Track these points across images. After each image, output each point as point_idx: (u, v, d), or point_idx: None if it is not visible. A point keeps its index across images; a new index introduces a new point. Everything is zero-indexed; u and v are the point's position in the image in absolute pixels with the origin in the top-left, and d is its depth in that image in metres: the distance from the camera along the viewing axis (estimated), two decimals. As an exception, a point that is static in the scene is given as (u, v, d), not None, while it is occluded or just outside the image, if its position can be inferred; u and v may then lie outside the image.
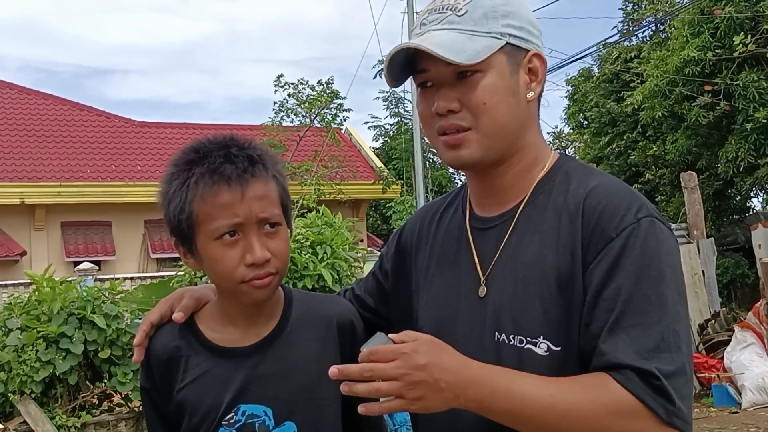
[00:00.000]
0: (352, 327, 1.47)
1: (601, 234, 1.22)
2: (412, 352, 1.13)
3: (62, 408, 6.74)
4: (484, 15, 1.29)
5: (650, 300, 1.17)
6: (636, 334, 1.15)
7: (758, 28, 12.44)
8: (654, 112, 14.19)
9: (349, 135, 22.34)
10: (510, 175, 1.35)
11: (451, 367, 1.15)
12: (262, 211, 1.33)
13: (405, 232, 1.56)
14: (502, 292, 1.29)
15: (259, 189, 1.33)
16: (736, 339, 8.05)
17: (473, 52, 1.26)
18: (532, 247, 1.28)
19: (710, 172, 15.11)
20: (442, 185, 23.95)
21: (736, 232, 17.33)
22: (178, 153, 1.42)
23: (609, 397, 1.13)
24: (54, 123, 19.42)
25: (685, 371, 1.16)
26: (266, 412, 1.39)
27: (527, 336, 1.25)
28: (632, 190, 1.30)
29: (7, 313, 6.90)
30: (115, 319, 6.96)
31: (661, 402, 1.12)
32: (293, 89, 18.12)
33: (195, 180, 1.32)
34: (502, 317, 1.28)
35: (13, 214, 17.17)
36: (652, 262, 1.19)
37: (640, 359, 1.13)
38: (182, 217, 1.35)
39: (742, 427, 6.86)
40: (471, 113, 1.29)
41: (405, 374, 1.12)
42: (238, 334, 1.42)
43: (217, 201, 1.31)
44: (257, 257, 1.32)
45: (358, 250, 6.95)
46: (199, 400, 1.40)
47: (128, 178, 18.42)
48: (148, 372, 1.46)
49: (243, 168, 1.33)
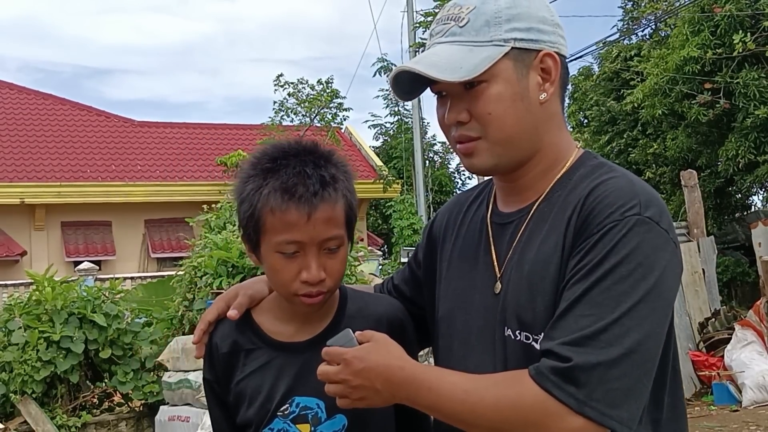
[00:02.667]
0: (402, 325, 1.51)
1: (585, 229, 1.22)
2: (353, 358, 1.24)
3: (63, 408, 6.74)
4: (486, 23, 1.28)
5: (610, 295, 1.15)
6: (583, 324, 1.14)
7: (758, 26, 12.41)
8: (654, 111, 14.17)
9: (349, 134, 22.33)
10: (531, 176, 1.36)
11: (386, 370, 1.23)
12: (325, 234, 1.38)
13: (436, 223, 1.58)
14: (510, 288, 1.31)
15: (326, 212, 1.37)
16: (736, 337, 8.05)
17: (470, 67, 1.26)
18: (537, 243, 1.29)
19: (710, 170, 15.09)
20: (443, 184, 23.96)
21: (737, 230, 17.31)
22: (257, 153, 1.45)
23: (516, 389, 1.15)
24: (54, 123, 19.41)
25: (614, 368, 1.11)
26: (319, 404, 1.44)
27: (530, 332, 1.25)
28: (638, 188, 1.25)
29: (7, 314, 6.90)
30: (115, 319, 6.97)
31: (570, 390, 1.11)
32: (293, 89, 18.15)
33: (267, 192, 1.37)
34: (509, 313, 1.29)
35: (13, 214, 17.17)
36: (625, 259, 1.16)
37: (563, 346, 1.13)
38: (251, 221, 1.41)
39: (742, 426, 6.86)
40: (479, 123, 1.30)
41: (345, 379, 1.24)
42: (294, 329, 1.49)
43: (285, 218, 1.36)
44: (313, 277, 1.38)
45: (358, 249, 6.95)
46: (256, 391, 1.47)
47: (128, 177, 18.42)
48: (210, 365, 1.53)
49: (314, 191, 1.36)
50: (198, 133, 21.00)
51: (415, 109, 17.76)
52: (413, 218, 17.62)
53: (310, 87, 18.19)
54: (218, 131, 21.35)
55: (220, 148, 19.77)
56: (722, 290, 13.28)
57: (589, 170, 1.32)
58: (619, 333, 1.13)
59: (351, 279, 6.32)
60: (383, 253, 18.18)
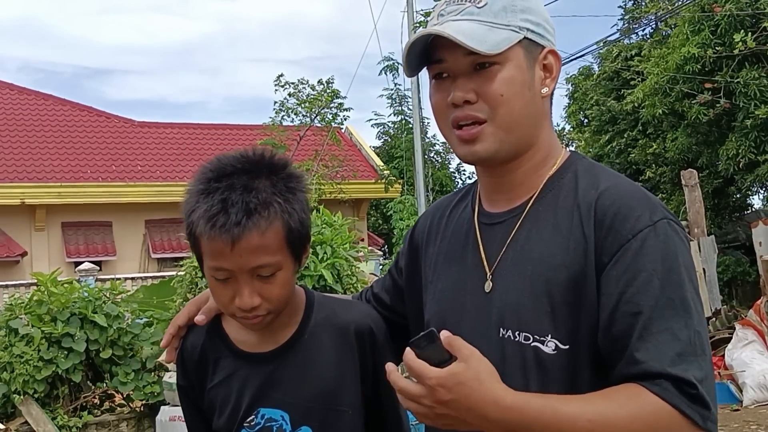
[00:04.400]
0: (371, 333, 1.47)
1: (616, 235, 1.21)
2: (438, 386, 1.10)
3: (64, 408, 6.74)
4: (503, 8, 1.30)
5: (675, 304, 1.17)
6: (665, 340, 1.15)
7: (758, 26, 12.42)
8: (654, 110, 14.17)
9: (350, 134, 22.33)
10: (521, 172, 1.35)
11: (477, 406, 1.11)
12: (253, 262, 1.33)
13: (417, 228, 1.57)
14: (507, 287, 1.29)
15: (252, 240, 1.31)
16: (737, 337, 8.05)
17: (493, 43, 1.26)
18: (540, 244, 1.28)
19: (710, 169, 15.09)
20: (443, 184, 23.95)
21: (737, 230, 17.30)
22: (201, 168, 1.42)
23: (647, 410, 1.12)
24: (54, 123, 19.42)
25: (711, 373, 1.17)
26: (283, 416, 1.42)
27: (534, 333, 1.24)
28: (644, 191, 1.29)
29: (8, 313, 6.90)
30: (116, 319, 6.98)
31: (697, 409, 1.12)
32: (293, 89, 18.12)
33: (197, 216, 1.33)
34: (507, 313, 1.27)
35: (14, 215, 17.17)
36: (673, 265, 1.19)
37: (674, 367, 1.13)
38: (190, 240, 1.39)
39: (743, 425, 6.87)
40: (488, 105, 1.28)
41: (430, 406, 1.12)
42: (258, 339, 1.46)
43: (211, 246, 1.33)
44: (244, 304, 1.35)
45: (358, 249, 6.95)
46: (224, 400, 1.45)
47: (129, 178, 18.42)
48: (183, 371, 1.52)
49: (236, 220, 1.30)
50: (198, 133, 21.01)
51: (416, 108, 17.76)
52: (414, 218, 17.61)
53: (311, 87, 18.17)
54: (219, 131, 21.35)
55: (220, 148, 19.75)
56: (723, 290, 13.29)
57: (583, 171, 1.33)
58: (700, 341, 1.17)
59: (351, 279, 6.32)
60: (384, 253, 18.19)
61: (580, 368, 1.21)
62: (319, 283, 5.84)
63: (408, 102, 21.51)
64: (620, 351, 1.17)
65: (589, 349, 1.22)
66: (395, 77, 20.17)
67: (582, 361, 1.22)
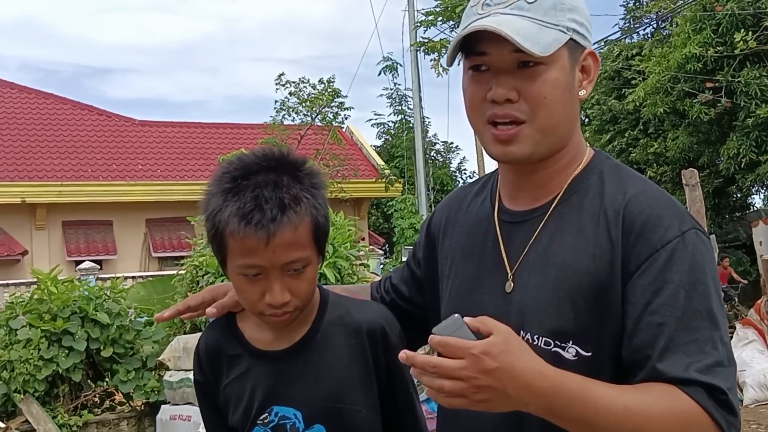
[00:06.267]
0: (384, 333, 1.47)
1: (645, 244, 1.20)
2: (482, 354, 1.06)
3: (64, 407, 6.75)
4: (553, 6, 1.25)
5: (701, 315, 1.17)
6: (693, 351, 1.15)
7: (760, 25, 12.40)
8: (655, 109, 14.16)
9: (351, 133, 22.33)
10: (548, 171, 1.32)
11: (522, 375, 1.08)
12: (286, 258, 1.34)
13: (434, 219, 1.54)
14: (529, 290, 1.27)
15: (285, 236, 1.32)
16: (737, 336, 8.05)
17: (545, 44, 1.22)
18: (564, 248, 1.26)
19: (711, 169, 15.08)
20: (444, 183, 23.95)
21: (738, 229, 17.32)
22: (221, 168, 1.40)
23: (682, 409, 1.13)
24: (55, 122, 19.43)
25: (735, 384, 1.18)
26: (296, 414, 1.43)
27: (556, 339, 1.22)
28: (671, 198, 1.28)
29: (9, 311, 6.91)
30: (117, 318, 6.98)
31: (724, 414, 1.14)
32: (294, 88, 18.12)
33: (227, 215, 1.32)
34: (529, 316, 1.25)
35: (14, 214, 17.18)
36: (700, 276, 1.19)
37: (703, 375, 1.14)
38: (214, 240, 1.38)
39: (744, 424, 6.86)
40: (529, 105, 1.24)
41: (471, 377, 1.06)
42: (273, 337, 1.47)
43: (244, 244, 1.32)
44: (276, 300, 1.36)
45: (359, 248, 6.96)
46: (239, 398, 1.47)
47: (129, 177, 18.43)
48: (199, 366, 1.53)
49: (271, 216, 1.31)
50: (199, 132, 21.02)
51: (417, 108, 17.76)
52: (414, 217, 17.61)
53: (312, 86, 18.17)
54: (219, 130, 21.36)
55: (221, 147, 19.77)
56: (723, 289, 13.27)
57: (609, 173, 1.31)
58: (726, 353, 1.18)
59: (353, 279, 6.32)
60: (384, 253, 18.19)
61: (602, 376, 1.19)
62: (320, 282, 5.83)
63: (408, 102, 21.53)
64: (644, 360, 1.17)
65: (611, 357, 1.21)
66: (395, 77, 20.18)
67: (604, 368, 1.21)
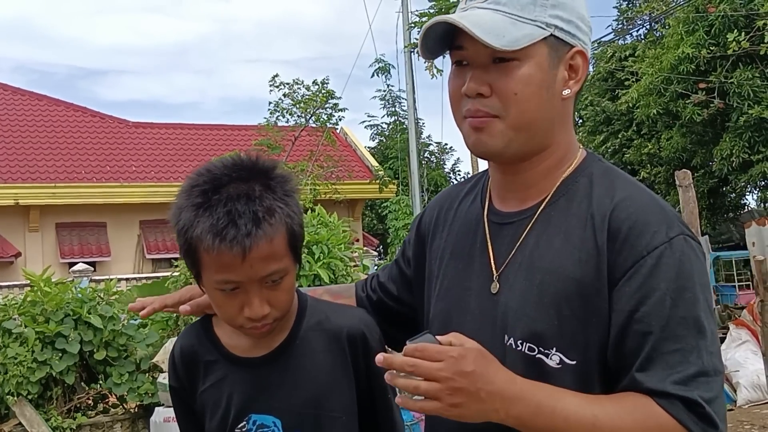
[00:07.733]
0: (364, 338, 1.44)
1: (631, 251, 1.18)
2: (460, 357, 1.09)
3: (57, 409, 6.72)
4: (532, 1, 1.24)
5: (687, 324, 1.15)
6: (676, 361, 1.13)
7: (752, 26, 12.44)
8: (649, 110, 14.19)
9: (345, 135, 22.32)
10: (534, 172, 1.30)
11: (496, 379, 1.11)
12: (263, 271, 1.30)
13: (424, 217, 1.53)
14: (514, 293, 1.25)
15: (262, 250, 1.28)
16: (730, 336, 8.07)
17: (513, 39, 1.20)
18: (551, 252, 1.24)
19: (705, 169, 15.13)
20: (438, 185, 23.95)
21: (731, 230, 17.37)
22: (190, 180, 1.34)
23: (655, 422, 1.11)
24: (48, 124, 19.37)
25: (721, 393, 1.16)
26: (275, 422, 1.40)
27: (539, 345, 1.21)
28: (661, 202, 1.25)
29: (2, 314, 6.88)
30: (110, 320, 6.96)
31: (703, 426, 1.12)
32: (288, 89, 18.10)
33: (199, 232, 1.27)
34: (512, 320, 1.24)
35: (8, 215, 17.13)
36: (687, 284, 1.16)
37: (683, 388, 1.12)
38: (188, 256, 1.34)
39: (737, 425, 6.88)
40: (500, 101, 1.23)
41: (447, 378, 1.08)
42: (250, 343, 1.43)
43: (219, 260, 1.28)
44: (255, 314, 1.32)
45: (353, 250, 6.95)
46: (216, 405, 1.43)
47: (123, 178, 18.38)
48: (175, 372, 1.49)
49: (246, 231, 1.26)
50: (193, 133, 20.98)
51: (410, 109, 17.76)
52: (409, 219, 17.62)
53: (306, 87, 18.15)
54: (213, 132, 21.32)
55: (215, 148, 19.74)
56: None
57: (599, 176, 1.29)
58: (711, 362, 1.15)
59: (347, 280, 6.31)
60: (379, 254, 18.19)
61: (590, 385, 1.19)
62: (314, 283, 5.83)
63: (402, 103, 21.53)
64: (628, 369, 1.16)
65: (599, 365, 1.20)
66: (388, 79, 20.18)
67: (591, 378, 1.20)
